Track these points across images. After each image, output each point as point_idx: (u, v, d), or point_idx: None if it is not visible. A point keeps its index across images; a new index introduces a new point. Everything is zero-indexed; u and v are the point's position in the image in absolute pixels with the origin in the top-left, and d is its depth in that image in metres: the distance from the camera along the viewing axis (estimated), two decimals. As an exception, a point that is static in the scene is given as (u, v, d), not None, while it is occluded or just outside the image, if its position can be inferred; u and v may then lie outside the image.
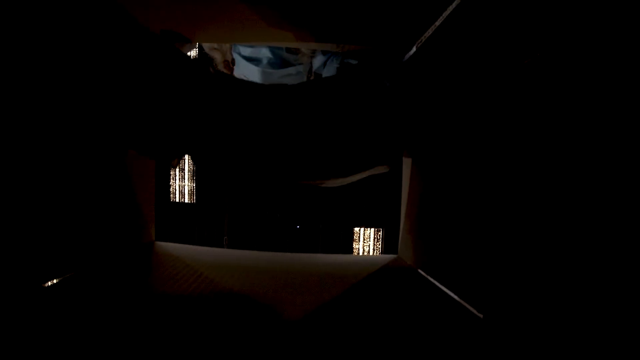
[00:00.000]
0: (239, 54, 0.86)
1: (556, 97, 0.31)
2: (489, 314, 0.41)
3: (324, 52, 1.06)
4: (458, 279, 0.45)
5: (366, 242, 3.28)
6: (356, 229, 3.24)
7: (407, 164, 0.64)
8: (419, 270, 0.55)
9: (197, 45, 0.94)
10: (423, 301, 0.49)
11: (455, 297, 0.48)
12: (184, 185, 3.60)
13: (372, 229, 3.28)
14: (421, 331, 0.42)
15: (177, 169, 3.51)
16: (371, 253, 3.27)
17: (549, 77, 0.32)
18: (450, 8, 0.50)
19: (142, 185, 0.58)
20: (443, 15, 0.51)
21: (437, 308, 0.47)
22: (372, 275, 0.55)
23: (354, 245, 3.26)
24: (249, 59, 0.84)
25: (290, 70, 0.80)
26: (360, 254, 3.33)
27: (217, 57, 0.94)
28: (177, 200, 3.45)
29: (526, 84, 0.35)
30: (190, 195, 3.45)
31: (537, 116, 0.34)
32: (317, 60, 0.94)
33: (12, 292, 0.36)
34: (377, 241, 3.33)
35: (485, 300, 0.41)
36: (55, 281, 0.42)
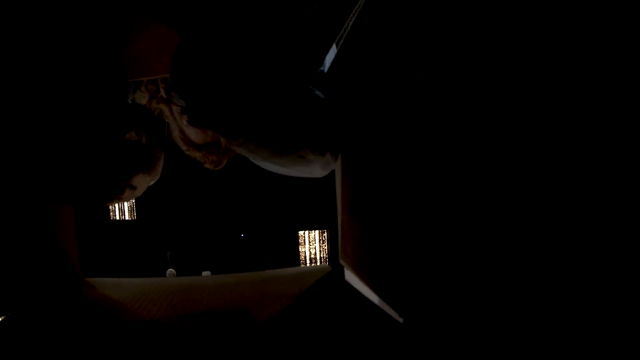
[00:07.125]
0: None
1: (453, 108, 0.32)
2: (409, 318, 0.39)
3: None
4: (383, 284, 0.44)
5: (312, 244, 3.33)
6: (301, 232, 3.27)
7: (339, 175, 0.65)
8: (351, 278, 0.57)
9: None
10: (346, 308, 0.49)
11: (377, 302, 0.46)
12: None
13: (317, 231, 3.33)
14: (338, 336, 0.42)
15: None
16: (317, 255, 3.31)
17: (442, 92, 0.32)
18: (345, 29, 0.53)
19: (64, 228, 0.60)
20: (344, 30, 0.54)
21: (358, 314, 0.46)
22: (306, 292, 0.57)
23: (300, 248, 3.28)
24: None
25: None
26: (307, 257, 3.35)
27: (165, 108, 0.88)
28: (117, 217, 3.30)
29: (423, 98, 0.35)
30: (130, 211, 3.31)
31: (443, 122, 0.34)
32: None
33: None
34: (323, 243, 3.38)
35: (407, 304, 0.39)
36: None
